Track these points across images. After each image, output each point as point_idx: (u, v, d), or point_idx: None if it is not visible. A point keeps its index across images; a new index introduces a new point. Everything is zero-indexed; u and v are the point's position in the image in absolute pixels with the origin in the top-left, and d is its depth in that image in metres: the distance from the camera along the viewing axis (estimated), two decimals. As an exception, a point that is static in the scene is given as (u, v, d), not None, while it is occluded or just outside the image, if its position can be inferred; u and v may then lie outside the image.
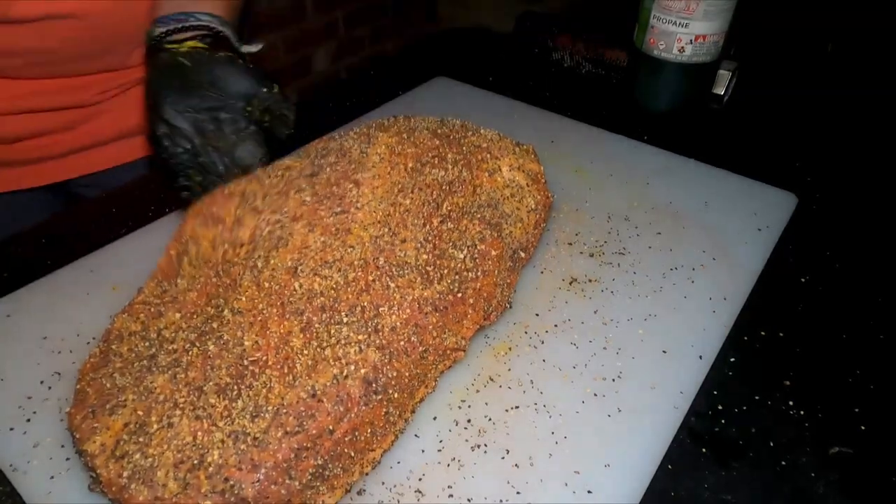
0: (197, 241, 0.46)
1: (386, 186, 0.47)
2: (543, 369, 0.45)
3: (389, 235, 0.45)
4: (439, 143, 0.52)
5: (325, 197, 0.46)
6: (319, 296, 0.41)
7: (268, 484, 0.34)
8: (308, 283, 0.41)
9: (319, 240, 0.44)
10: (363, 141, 0.52)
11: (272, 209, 0.46)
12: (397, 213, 0.46)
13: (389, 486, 0.38)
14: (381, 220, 0.45)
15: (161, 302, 0.44)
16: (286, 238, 0.44)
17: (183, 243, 0.47)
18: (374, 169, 0.48)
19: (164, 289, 0.45)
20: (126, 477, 0.34)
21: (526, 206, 0.52)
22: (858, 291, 0.53)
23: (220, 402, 0.36)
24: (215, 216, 0.46)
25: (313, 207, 0.46)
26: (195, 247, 0.46)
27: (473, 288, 0.44)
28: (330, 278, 0.42)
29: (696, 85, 0.72)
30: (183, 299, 0.43)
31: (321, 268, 0.42)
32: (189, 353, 0.39)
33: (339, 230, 0.44)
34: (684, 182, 0.63)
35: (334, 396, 0.37)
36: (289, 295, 0.41)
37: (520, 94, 0.77)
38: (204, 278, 0.44)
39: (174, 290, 0.44)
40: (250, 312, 0.40)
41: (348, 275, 0.42)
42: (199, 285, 0.44)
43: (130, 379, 0.38)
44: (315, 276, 0.42)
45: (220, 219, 0.46)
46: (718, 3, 0.65)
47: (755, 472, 0.40)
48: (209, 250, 0.46)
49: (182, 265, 0.46)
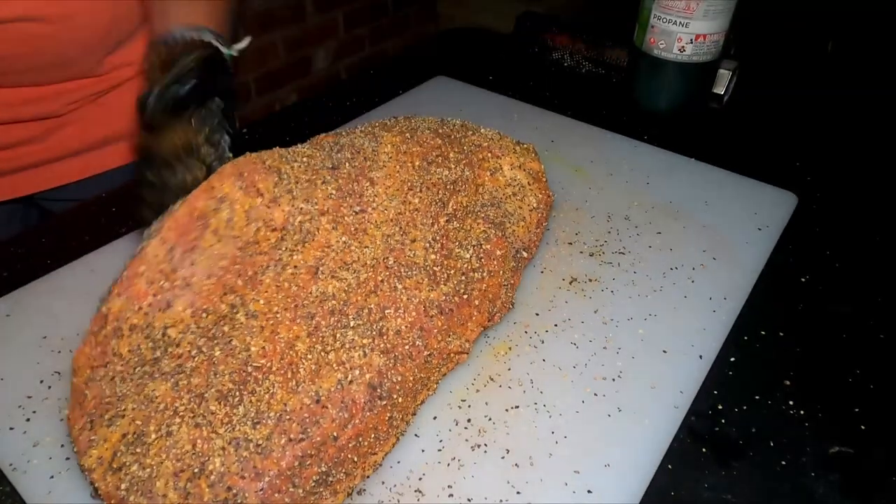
0: (232, 205, 0.41)
1: (396, 185, 0.47)
2: (543, 369, 0.45)
3: (400, 235, 0.44)
4: (441, 142, 0.52)
5: (348, 194, 0.45)
6: (331, 299, 0.40)
7: (272, 492, 0.33)
8: (324, 286, 0.40)
9: (341, 239, 0.43)
10: (370, 139, 0.51)
11: (304, 197, 0.43)
12: (407, 212, 0.45)
13: (389, 485, 0.38)
14: (392, 218, 0.45)
15: (170, 284, 0.40)
16: (313, 232, 0.42)
17: (215, 200, 0.41)
18: (385, 168, 0.48)
19: (171, 255, 0.40)
20: (124, 489, 0.33)
21: (528, 204, 0.52)
22: (858, 291, 0.53)
23: (221, 408, 0.35)
24: (255, 185, 0.42)
25: (338, 203, 0.44)
26: (228, 211, 0.41)
27: (479, 289, 0.44)
28: (345, 280, 0.41)
29: (696, 84, 0.72)
30: (198, 286, 0.39)
31: (340, 270, 0.41)
32: (195, 359, 0.38)
33: (357, 230, 0.44)
34: (684, 182, 0.63)
35: (339, 402, 0.36)
36: (304, 297, 0.40)
37: (520, 94, 0.77)
38: (228, 259, 0.40)
39: (187, 268, 0.40)
40: (265, 316, 0.39)
41: (361, 276, 0.41)
42: (220, 269, 0.40)
43: (131, 386, 0.37)
44: (332, 278, 0.41)
45: (260, 191, 0.42)
46: (719, 2, 0.65)
47: (755, 472, 0.40)
48: (243, 221, 0.41)
49: (206, 231, 0.41)
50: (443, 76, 0.80)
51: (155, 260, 0.40)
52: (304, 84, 2.16)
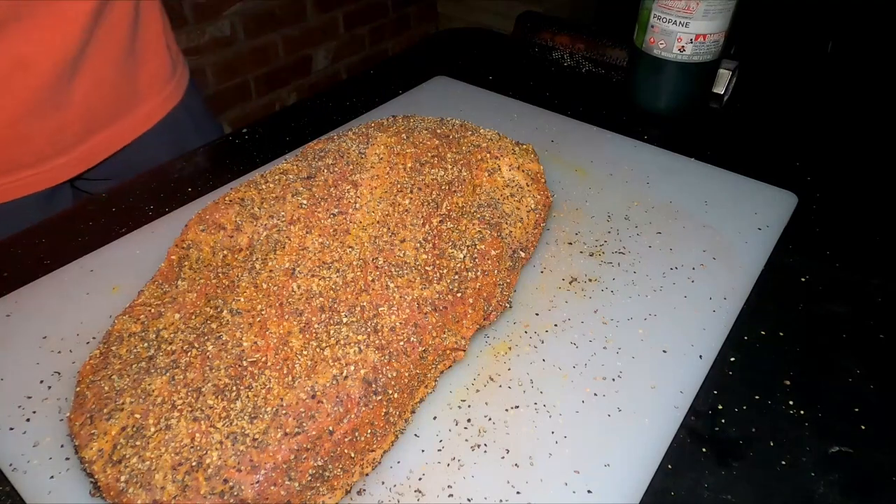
0: (198, 246, 0.47)
1: (385, 187, 0.48)
2: (543, 369, 0.45)
3: (388, 235, 0.45)
4: (439, 142, 0.52)
5: (323, 199, 0.47)
6: (318, 296, 0.41)
7: (267, 485, 0.34)
8: (306, 284, 0.41)
9: (317, 241, 0.44)
10: (361, 141, 0.52)
11: (269, 214, 0.46)
12: (396, 213, 0.46)
13: (389, 485, 0.38)
14: (379, 220, 0.45)
15: (161, 303, 0.44)
16: (283, 241, 0.44)
17: (184, 248, 0.47)
18: (372, 169, 0.49)
19: (164, 290, 0.45)
20: (124, 481, 0.34)
21: (526, 205, 0.52)
22: (858, 291, 0.53)
23: (219, 403, 0.36)
24: (217, 222, 0.47)
25: (310, 210, 0.46)
26: (196, 251, 0.47)
27: (473, 288, 0.44)
28: (328, 279, 0.42)
29: (696, 84, 0.72)
30: (182, 300, 0.43)
31: (319, 269, 0.42)
32: (188, 354, 0.39)
33: (337, 231, 0.45)
34: (684, 182, 0.63)
35: (334, 397, 0.36)
36: (287, 295, 0.41)
37: (520, 94, 0.77)
38: (203, 280, 0.44)
39: (174, 290, 0.44)
40: (249, 313, 0.40)
41: (347, 275, 0.42)
42: (199, 287, 0.44)
43: (128, 381, 0.38)
44: (313, 276, 0.42)
45: (221, 225, 0.47)
46: (719, 2, 0.65)
47: (755, 472, 0.40)
48: (209, 255, 0.46)
49: (182, 269, 0.46)
50: (443, 76, 0.80)
51: (149, 292, 0.45)
52: (304, 84, 2.16)
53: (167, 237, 0.55)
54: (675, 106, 0.73)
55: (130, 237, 0.56)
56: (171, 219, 0.58)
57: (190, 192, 0.62)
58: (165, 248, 0.51)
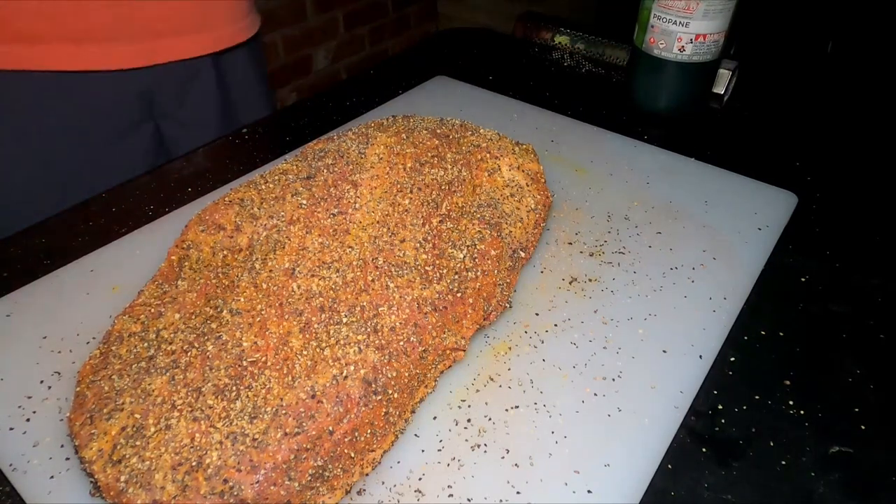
0: (198, 247, 0.47)
1: (384, 187, 0.48)
2: (543, 369, 0.45)
3: (388, 235, 0.45)
4: (438, 142, 0.52)
5: (322, 199, 0.47)
6: (318, 296, 0.41)
7: (267, 485, 0.34)
8: (306, 284, 0.41)
9: (317, 241, 0.44)
10: (361, 141, 0.52)
11: (269, 214, 0.46)
12: (396, 214, 0.46)
13: (389, 485, 0.38)
14: (379, 220, 0.46)
15: (161, 303, 0.44)
16: (283, 241, 0.44)
17: (184, 248, 0.47)
18: (372, 169, 0.49)
19: (164, 290, 0.45)
20: (124, 481, 0.34)
21: (525, 205, 0.52)
22: (858, 291, 0.53)
23: (219, 403, 0.36)
24: (216, 223, 0.47)
25: (310, 210, 0.46)
26: (196, 252, 0.47)
27: (473, 288, 0.44)
28: (328, 279, 0.42)
29: (697, 84, 0.72)
30: (182, 300, 0.43)
31: (319, 269, 0.42)
32: (188, 353, 0.39)
33: (336, 231, 0.45)
34: (684, 182, 0.63)
35: (334, 397, 0.36)
36: (287, 295, 0.41)
37: (520, 94, 0.77)
38: (203, 280, 0.44)
39: (174, 290, 0.44)
40: (249, 313, 0.40)
41: (347, 275, 0.42)
42: (199, 287, 0.44)
43: (128, 381, 0.38)
44: (313, 276, 0.42)
45: (221, 226, 0.47)
46: (719, 2, 0.65)
47: (755, 472, 0.40)
48: (209, 256, 0.46)
49: (182, 269, 0.46)
50: (443, 76, 0.80)
51: (149, 292, 0.45)
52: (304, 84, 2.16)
53: (167, 237, 0.55)
54: (675, 106, 0.73)
55: (130, 237, 0.56)
56: (171, 219, 0.58)
57: (190, 192, 0.62)
58: (165, 248, 0.51)
